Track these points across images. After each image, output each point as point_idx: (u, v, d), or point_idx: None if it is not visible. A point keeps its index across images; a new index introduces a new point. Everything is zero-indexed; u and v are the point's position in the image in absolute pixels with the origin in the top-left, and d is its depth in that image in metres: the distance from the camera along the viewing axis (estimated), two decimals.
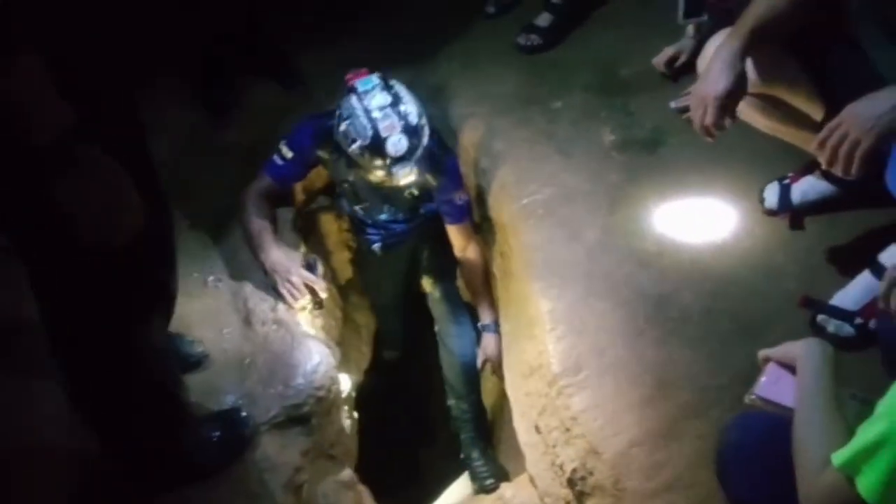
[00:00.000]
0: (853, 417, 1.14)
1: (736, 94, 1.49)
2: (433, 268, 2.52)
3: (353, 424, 2.27)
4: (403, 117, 2.00)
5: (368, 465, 2.34)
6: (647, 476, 1.61)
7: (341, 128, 2.03)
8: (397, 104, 2.01)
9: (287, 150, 2.20)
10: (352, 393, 2.29)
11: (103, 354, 1.29)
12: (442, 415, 2.53)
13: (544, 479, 1.96)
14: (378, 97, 2.01)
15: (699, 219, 2.00)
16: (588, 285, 1.92)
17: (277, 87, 2.66)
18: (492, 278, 2.52)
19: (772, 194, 1.93)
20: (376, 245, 2.45)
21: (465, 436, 2.44)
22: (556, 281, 1.96)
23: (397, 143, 2.00)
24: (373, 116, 1.99)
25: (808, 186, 1.88)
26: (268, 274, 2.12)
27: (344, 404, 2.15)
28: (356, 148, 2.02)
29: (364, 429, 2.38)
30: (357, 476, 2.14)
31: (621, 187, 2.14)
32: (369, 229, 2.46)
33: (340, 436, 2.11)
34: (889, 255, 1.60)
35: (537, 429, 1.95)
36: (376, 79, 2.05)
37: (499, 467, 2.40)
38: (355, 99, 2.02)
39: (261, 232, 2.15)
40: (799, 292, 1.66)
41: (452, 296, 2.54)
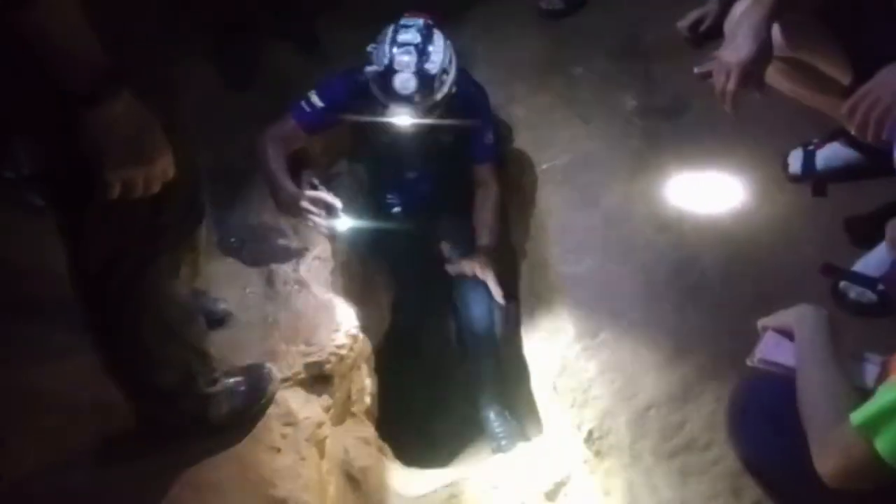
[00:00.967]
0: (866, 378, 1.16)
1: (760, 61, 1.45)
2: (452, 233, 2.52)
3: (374, 384, 2.30)
4: (422, 61, 2.02)
5: (388, 429, 2.36)
6: (664, 437, 1.62)
7: (368, 48, 2.08)
8: (425, 47, 2.03)
9: (318, 99, 2.21)
10: (371, 354, 2.32)
11: (118, 292, 1.30)
12: (461, 381, 2.56)
13: (562, 439, 1.99)
14: (409, 34, 2.05)
15: (720, 185, 1.98)
16: (607, 250, 1.93)
17: (295, 50, 2.66)
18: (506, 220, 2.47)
19: (796, 160, 1.91)
20: (396, 209, 2.46)
21: (481, 396, 2.46)
22: (575, 245, 1.97)
23: (405, 82, 2.02)
24: (394, 49, 2.02)
25: (832, 153, 1.86)
26: (280, 209, 2.15)
27: (365, 363, 2.18)
28: (370, 71, 2.05)
29: (382, 392, 2.41)
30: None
31: (641, 154, 2.13)
32: (388, 194, 2.46)
33: (362, 394, 2.14)
34: None
35: (556, 390, 1.97)
36: (421, 22, 2.09)
37: (515, 428, 2.42)
38: (392, 28, 2.08)
39: (276, 171, 2.17)
40: (819, 259, 1.64)
41: None
